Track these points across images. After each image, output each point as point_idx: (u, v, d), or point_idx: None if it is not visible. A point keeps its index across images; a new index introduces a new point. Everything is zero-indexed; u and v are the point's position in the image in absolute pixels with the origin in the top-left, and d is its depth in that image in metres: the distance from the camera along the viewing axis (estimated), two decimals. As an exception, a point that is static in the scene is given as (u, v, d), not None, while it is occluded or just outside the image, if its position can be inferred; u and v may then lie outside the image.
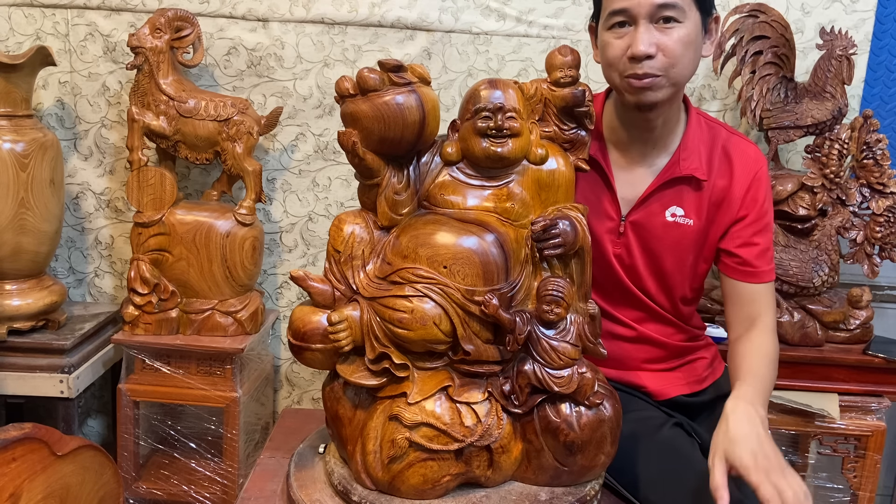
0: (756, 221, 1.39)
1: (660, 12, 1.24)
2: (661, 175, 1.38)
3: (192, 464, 2.00)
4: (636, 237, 1.41)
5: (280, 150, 2.07)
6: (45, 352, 1.83)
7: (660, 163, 1.39)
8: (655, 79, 1.26)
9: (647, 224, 1.40)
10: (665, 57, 1.25)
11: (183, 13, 1.88)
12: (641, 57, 1.24)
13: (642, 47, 1.24)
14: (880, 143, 1.94)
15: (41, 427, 1.33)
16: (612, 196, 1.40)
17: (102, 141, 2.07)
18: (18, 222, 1.81)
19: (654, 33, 1.25)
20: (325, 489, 1.22)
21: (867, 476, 1.92)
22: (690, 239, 1.40)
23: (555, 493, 1.21)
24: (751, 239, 1.39)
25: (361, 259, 1.19)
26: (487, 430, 1.15)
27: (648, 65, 1.25)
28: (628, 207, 1.40)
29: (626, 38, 1.26)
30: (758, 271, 1.39)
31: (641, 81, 1.27)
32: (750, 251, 1.39)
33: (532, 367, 1.16)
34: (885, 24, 2.08)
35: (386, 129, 1.13)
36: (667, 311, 1.45)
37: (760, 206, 1.39)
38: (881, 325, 2.02)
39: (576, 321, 1.18)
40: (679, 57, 1.26)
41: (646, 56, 1.24)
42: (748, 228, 1.39)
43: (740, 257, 1.39)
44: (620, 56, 1.27)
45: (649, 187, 1.38)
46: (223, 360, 1.89)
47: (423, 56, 2.02)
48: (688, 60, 1.28)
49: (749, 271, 1.39)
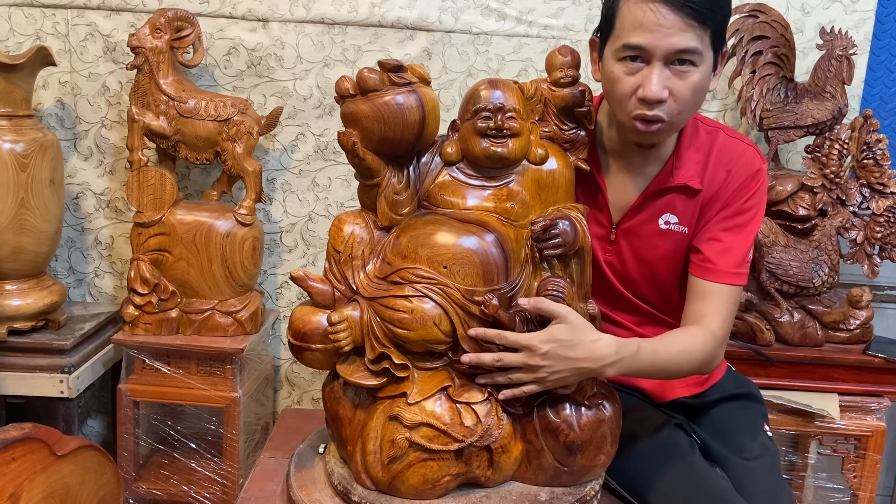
0: (733, 217, 1.32)
1: (678, 56, 1.17)
2: (653, 184, 1.34)
3: (192, 464, 2.00)
4: (628, 245, 1.38)
5: (280, 151, 2.07)
6: (45, 352, 1.83)
7: (652, 171, 1.35)
8: (662, 123, 1.22)
9: (639, 232, 1.36)
10: (675, 103, 1.20)
11: (183, 13, 1.88)
12: (653, 101, 1.19)
13: (655, 90, 1.18)
14: (880, 143, 1.94)
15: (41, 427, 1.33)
16: (604, 203, 1.37)
17: (102, 141, 2.07)
18: (18, 222, 1.81)
19: (667, 76, 1.18)
20: (325, 489, 1.23)
21: (867, 476, 1.92)
22: (684, 246, 1.36)
23: (555, 493, 1.21)
24: (719, 235, 1.32)
25: (361, 259, 1.19)
26: (487, 431, 1.15)
27: (658, 108, 1.20)
28: (619, 215, 1.37)
29: (638, 76, 1.19)
30: (716, 269, 1.30)
31: (648, 127, 1.22)
32: (713, 247, 1.31)
33: (532, 367, 1.16)
34: (885, 24, 2.08)
35: (386, 130, 1.13)
36: (665, 315, 1.43)
37: (743, 202, 1.32)
38: (881, 325, 2.02)
39: (576, 321, 1.18)
40: (688, 103, 1.21)
41: (657, 101, 1.19)
42: (721, 223, 1.32)
43: (702, 253, 1.31)
44: (630, 94, 1.21)
45: (640, 196, 1.35)
46: (223, 360, 1.89)
47: (423, 56, 2.02)
48: (694, 105, 1.24)
49: (708, 268, 1.30)
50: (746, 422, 1.42)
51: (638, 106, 1.21)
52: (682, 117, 1.24)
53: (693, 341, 1.25)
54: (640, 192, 1.35)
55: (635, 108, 1.22)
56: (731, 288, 1.30)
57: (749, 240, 1.33)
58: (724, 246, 1.31)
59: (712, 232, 1.32)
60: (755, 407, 1.46)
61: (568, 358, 1.12)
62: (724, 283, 1.30)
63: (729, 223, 1.32)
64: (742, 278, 1.31)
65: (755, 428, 1.41)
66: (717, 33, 1.21)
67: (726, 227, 1.32)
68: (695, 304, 1.31)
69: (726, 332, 1.30)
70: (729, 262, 1.30)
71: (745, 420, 1.42)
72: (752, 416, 1.43)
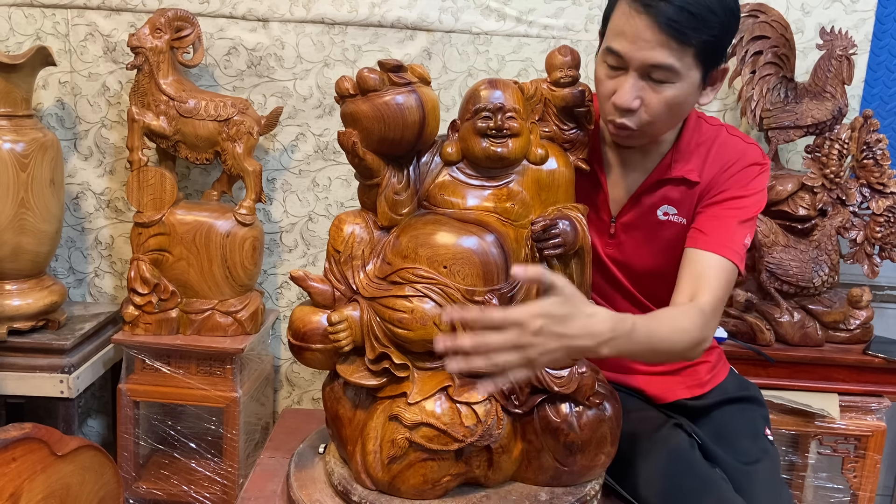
0: (730, 200, 1.30)
1: (651, 71, 1.18)
2: (651, 176, 1.35)
3: (192, 464, 2.00)
4: (628, 237, 1.38)
5: (280, 150, 2.07)
6: (45, 352, 1.83)
7: (651, 164, 1.35)
8: (631, 132, 1.24)
9: (639, 224, 1.37)
10: (646, 114, 1.21)
11: (183, 13, 1.88)
12: (622, 108, 1.21)
13: (625, 99, 1.19)
14: (880, 143, 1.94)
15: (41, 427, 1.33)
16: (604, 197, 1.38)
17: (102, 141, 2.07)
18: (18, 222, 1.81)
19: (641, 86, 1.19)
20: (325, 489, 1.23)
21: (867, 476, 1.92)
22: (684, 236, 1.33)
23: (555, 493, 1.21)
24: (713, 211, 1.30)
25: (361, 259, 1.19)
26: (487, 431, 1.15)
27: (627, 117, 1.21)
28: (618, 208, 1.38)
29: (615, 81, 1.21)
30: (708, 239, 1.26)
31: (618, 131, 1.25)
32: (706, 220, 1.29)
33: (532, 367, 1.15)
34: (885, 24, 2.08)
35: (386, 130, 1.13)
36: None
37: (741, 186, 1.30)
38: (881, 325, 2.02)
39: (576, 321, 1.18)
40: (659, 116, 1.22)
41: (626, 109, 1.20)
42: (718, 205, 1.30)
43: (696, 227, 1.30)
44: (608, 96, 1.23)
45: (639, 189, 1.36)
46: (223, 360, 1.89)
47: (423, 56, 2.02)
48: (669, 118, 1.24)
49: (699, 238, 1.27)
50: (747, 425, 1.41)
51: (612, 110, 1.23)
52: (653, 128, 1.25)
53: (685, 320, 1.17)
54: (639, 184, 1.36)
55: (611, 112, 1.24)
56: (723, 261, 1.24)
57: (743, 219, 1.28)
58: (717, 221, 1.28)
59: (707, 211, 1.31)
60: (756, 410, 1.45)
61: (561, 335, 0.98)
62: (716, 254, 1.24)
63: (726, 204, 1.30)
64: (735, 256, 1.26)
65: (756, 431, 1.41)
66: (704, 52, 1.18)
67: (724, 206, 1.30)
68: (686, 277, 1.25)
69: (718, 312, 1.24)
70: (722, 235, 1.26)
71: (745, 423, 1.41)
72: (753, 420, 1.43)
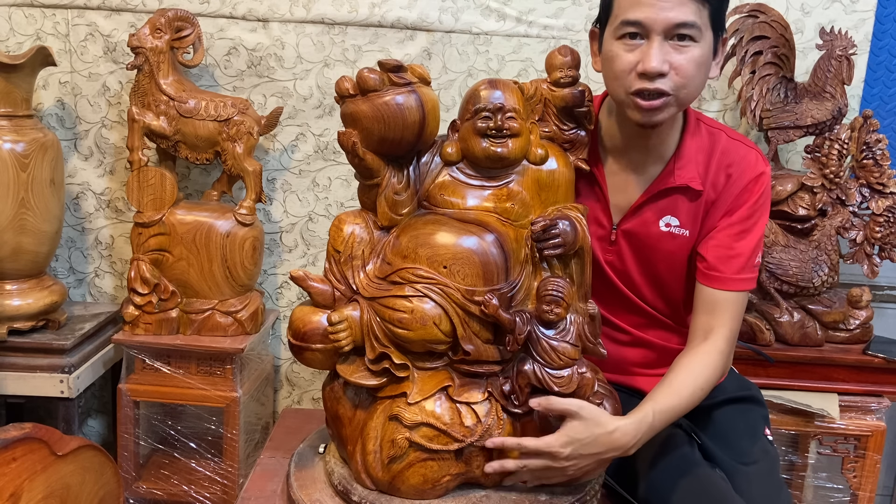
0: (739, 223, 1.31)
1: (676, 30, 1.17)
2: (653, 185, 1.33)
3: (192, 464, 2.00)
4: (629, 245, 1.37)
5: (280, 151, 2.07)
6: (46, 352, 1.83)
7: (653, 171, 1.34)
8: (666, 98, 1.20)
9: (640, 233, 1.36)
10: (678, 76, 1.19)
11: (183, 13, 1.88)
12: (653, 74, 1.18)
13: (654, 63, 1.17)
14: (880, 144, 1.93)
15: (41, 427, 1.33)
16: (605, 203, 1.37)
17: (102, 141, 2.07)
18: (19, 222, 1.81)
19: (667, 50, 1.18)
20: (325, 489, 1.23)
21: (867, 476, 1.92)
22: (686, 249, 1.35)
23: (555, 492, 1.21)
24: (724, 241, 1.31)
25: (361, 259, 1.19)
26: (487, 430, 1.15)
27: (661, 81, 1.18)
28: (620, 215, 1.37)
29: (637, 52, 1.19)
30: (722, 277, 1.29)
31: (650, 102, 1.20)
32: (718, 254, 1.30)
33: (532, 367, 1.16)
34: (885, 24, 2.08)
35: (386, 130, 1.13)
36: (666, 317, 1.43)
37: (749, 206, 1.31)
38: (881, 325, 2.02)
39: (575, 321, 1.18)
40: (691, 77, 1.20)
41: (658, 74, 1.18)
42: (726, 230, 1.31)
43: (708, 261, 1.31)
44: (629, 70, 1.20)
45: (641, 196, 1.34)
46: (223, 360, 1.89)
47: (423, 56, 2.02)
48: (699, 81, 1.23)
49: (713, 276, 1.30)
50: (747, 426, 1.41)
51: (637, 81, 1.20)
52: (686, 92, 1.22)
53: (704, 372, 1.26)
54: (641, 192, 1.34)
55: (634, 83, 1.21)
56: (738, 295, 1.30)
57: (754, 243, 1.32)
58: (729, 253, 1.30)
59: (717, 239, 1.32)
60: (756, 410, 1.46)
61: (590, 454, 1.16)
62: (731, 290, 1.30)
63: (733, 229, 1.31)
64: (749, 283, 1.31)
65: (755, 432, 1.41)
66: (715, 12, 1.21)
67: (731, 233, 1.31)
68: (702, 315, 1.31)
69: (733, 344, 1.32)
70: (734, 268, 1.30)
71: (745, 424, 1.41)
72: (753, 420, 1.43)
